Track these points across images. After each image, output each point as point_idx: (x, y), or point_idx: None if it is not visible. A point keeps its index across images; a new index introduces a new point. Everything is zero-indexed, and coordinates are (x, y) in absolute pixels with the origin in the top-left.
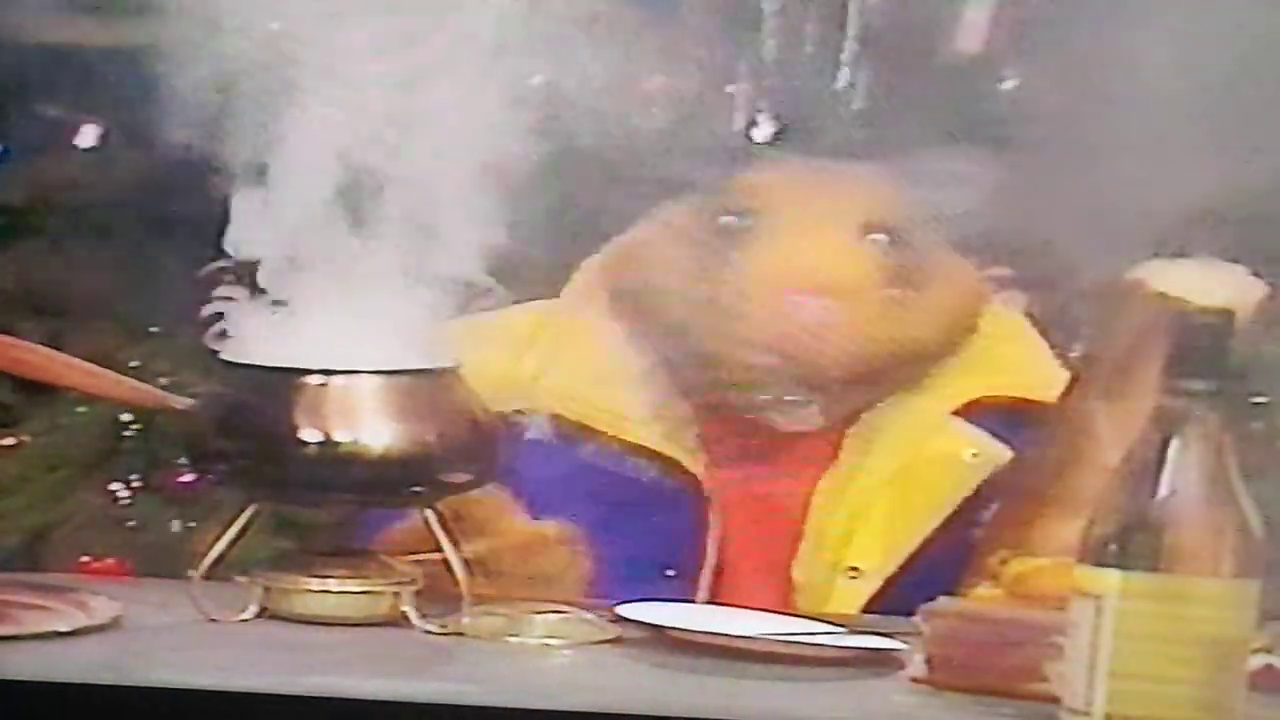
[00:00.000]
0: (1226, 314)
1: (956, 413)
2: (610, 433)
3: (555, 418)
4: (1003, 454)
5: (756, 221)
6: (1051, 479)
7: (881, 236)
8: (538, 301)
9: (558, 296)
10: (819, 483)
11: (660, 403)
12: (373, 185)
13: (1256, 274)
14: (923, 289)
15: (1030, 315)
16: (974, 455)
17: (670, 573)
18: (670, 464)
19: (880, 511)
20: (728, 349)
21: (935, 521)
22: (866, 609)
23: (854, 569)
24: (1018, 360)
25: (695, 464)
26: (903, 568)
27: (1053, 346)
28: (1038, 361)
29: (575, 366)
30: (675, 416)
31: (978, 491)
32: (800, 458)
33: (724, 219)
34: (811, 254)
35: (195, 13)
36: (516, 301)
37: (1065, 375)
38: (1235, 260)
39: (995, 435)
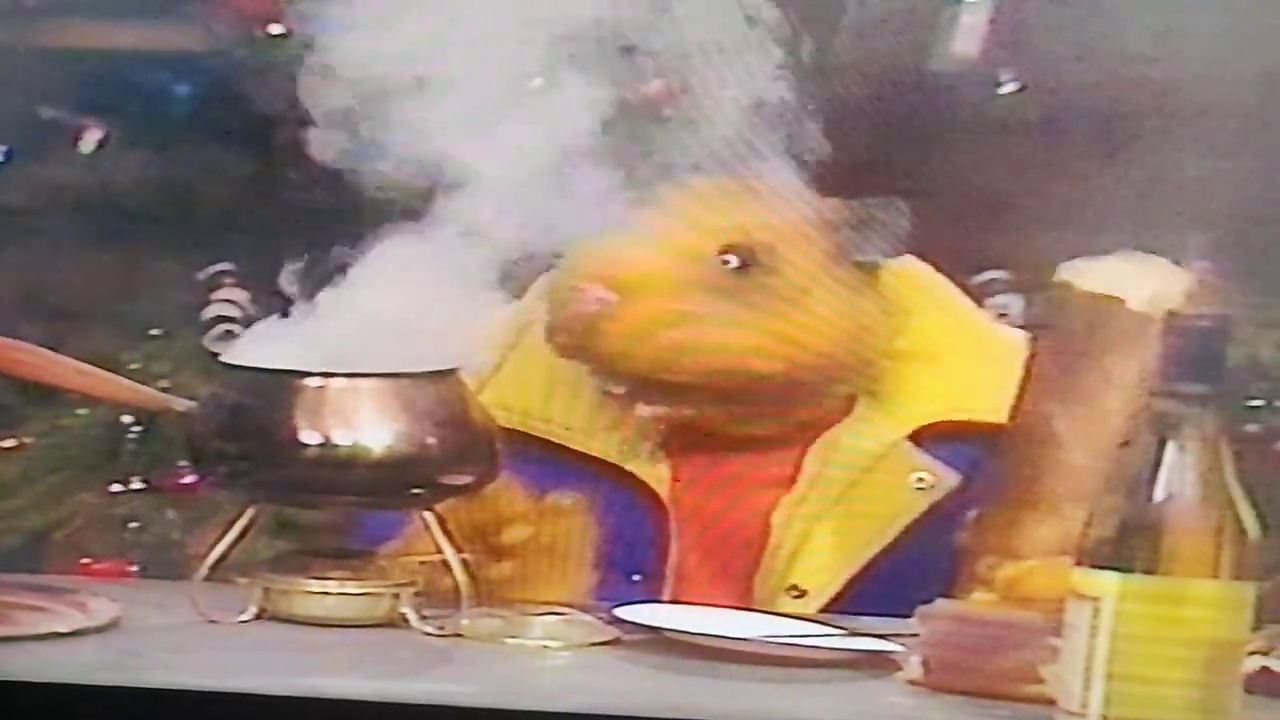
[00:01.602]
0: (1222, 318)
1: (919, 433)
2: (565, 445)
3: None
4: (951, 480)
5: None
6: (1023, 484)
7: (732, 259)
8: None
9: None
10: (780, 499)
11: (616, 415)
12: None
13: (1178, 263)
14: (772, 316)
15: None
16: (921, 481)
17: (636, 577)
18: (628, 477)
19: (825, 532)
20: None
21: (879, 545)
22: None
23: (795, 588)
24: (986, 383)
25: (652, 477)
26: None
27: None
28: (1009, 384)
29: (528, 379)
30: (629, 429)
31: (961, 500)
32: (763, 473)
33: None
34: (629, 253)
35: None
36: None
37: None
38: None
39: (966, 457)
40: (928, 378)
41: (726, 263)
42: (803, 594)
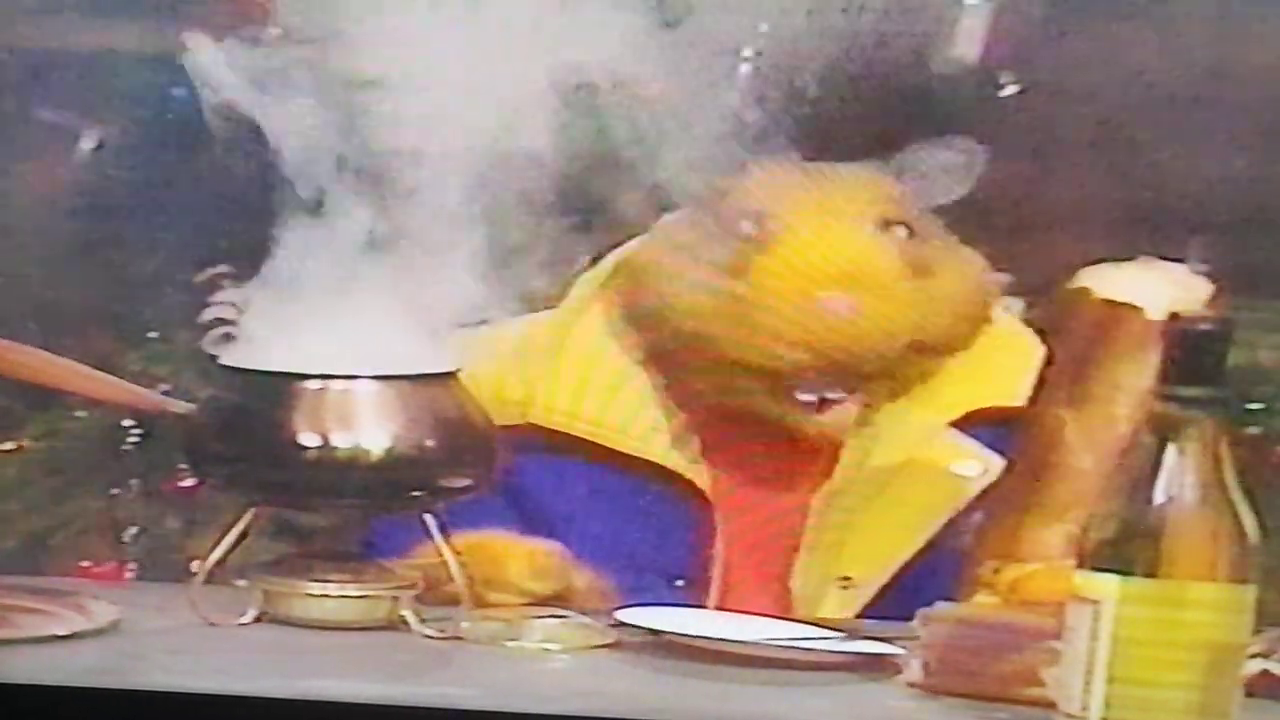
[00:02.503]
0: (1223, 321)
1: (955, 423)
2: (611, 447)
3: (550, 433)
4: (997, 465)
5: (775, 225)
6: (1028, 487)
7: (900, 230)
8: (533, 315)
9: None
10: (818, 491)
11: (661, 416)
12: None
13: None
14: (936, 280)
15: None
16: (968, 467)
17: (679, 582)
18: (673, 477)
19: (872, 521)
20: (756, 352)
21: (928, 533)
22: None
23: (845, 579)
24: (1016, 369)
25: (698, 476)
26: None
27: None
28: (1031, 373)
29: (572, 382)
30: (676, 429)
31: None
32: (800, 466)
33: (744, 224)
34: (837, 251)
35: None
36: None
37: None
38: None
39: (994, 444)
40: (959, 366)
41: (896, 234)
42: (851, 584)
